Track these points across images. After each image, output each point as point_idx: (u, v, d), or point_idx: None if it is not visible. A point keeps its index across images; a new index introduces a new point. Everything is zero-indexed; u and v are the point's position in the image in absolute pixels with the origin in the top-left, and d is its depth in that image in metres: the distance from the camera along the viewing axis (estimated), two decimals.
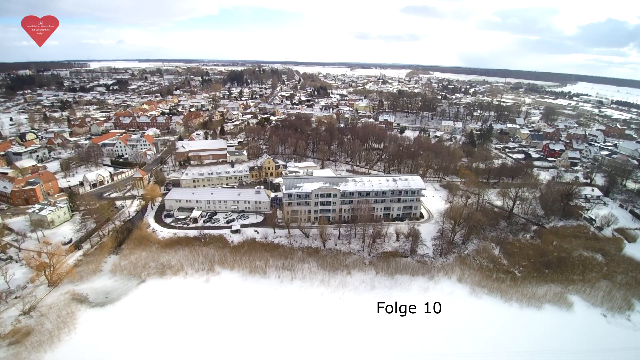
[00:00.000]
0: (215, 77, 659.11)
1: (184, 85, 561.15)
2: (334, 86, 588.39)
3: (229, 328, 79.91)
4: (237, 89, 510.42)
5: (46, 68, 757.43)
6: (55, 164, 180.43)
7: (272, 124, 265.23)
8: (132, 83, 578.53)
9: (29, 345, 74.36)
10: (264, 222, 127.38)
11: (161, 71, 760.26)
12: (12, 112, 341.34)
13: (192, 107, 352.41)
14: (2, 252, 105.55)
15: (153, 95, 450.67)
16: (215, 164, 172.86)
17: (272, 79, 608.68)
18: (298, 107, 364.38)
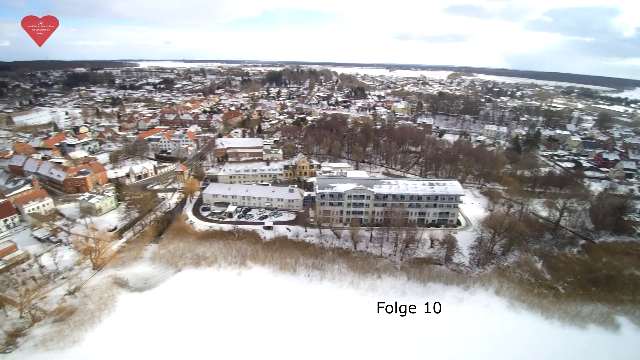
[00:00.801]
0: (254, 77, 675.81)
1: (225, 84, 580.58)
2: (372, 87, 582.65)
3: (256, 321, 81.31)
4: (275, 89, 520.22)
5: (100, 66, 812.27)
6: (105, 156, 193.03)
7: (307, 123, 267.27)
8: (177, 82, 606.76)
9: (72, 323, 79.85)
10: (296, 220, 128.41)
11: (204, 71, 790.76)
12: (67, 106, 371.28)
13: (232, 106, 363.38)
14: (53, 235, 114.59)
15: (196, 94, 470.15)
16: (251, 162, 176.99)
17: (310, 79, 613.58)
18: (334, 108, 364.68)
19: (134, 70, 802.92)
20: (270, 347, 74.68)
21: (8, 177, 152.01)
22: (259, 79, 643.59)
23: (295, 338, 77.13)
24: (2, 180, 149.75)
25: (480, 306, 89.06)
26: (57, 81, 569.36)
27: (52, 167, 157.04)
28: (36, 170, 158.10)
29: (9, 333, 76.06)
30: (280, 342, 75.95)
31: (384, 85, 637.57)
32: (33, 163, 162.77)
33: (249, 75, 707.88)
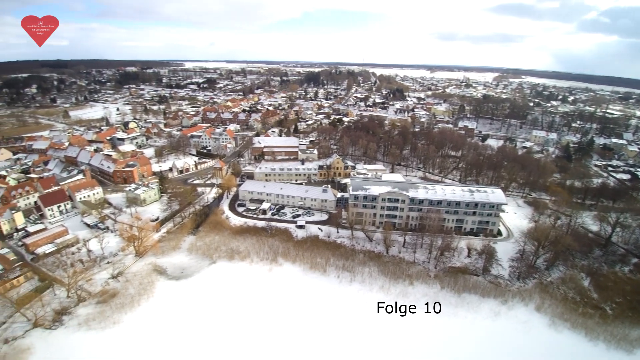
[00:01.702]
0: (293, 78, 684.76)
1: (264, 85, 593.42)
2: (411, 89, 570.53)
3: (284, 317, 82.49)
4: (312, 90, 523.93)
5: (149, 66, 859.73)
6: (151, 151, 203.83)
7: (344, 124, 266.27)
8: (219, 82, 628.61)
9: (113, 305, 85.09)
10: (328, 220, 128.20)
11: (245, 71, 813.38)
12: (118, 103, 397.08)
13: (270, 105, 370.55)
14: (101, 222, 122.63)
15: (237, 93, 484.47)
16: (286, 161, 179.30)
17: (348, 80, 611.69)
18: (372, 109, 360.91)
19: (180, 70, 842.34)
20: (280, 342, 75.67)
21: (63, 167, 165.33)
22: (297, 80, 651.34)
23: (301, 336, 77.69)
24: (58, 169, 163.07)
25: (518, 322, 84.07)
26: (109, 79, 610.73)
27: (103, 159, 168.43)
28: (88, 162, 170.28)
29: (56, 311, 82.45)
30: (287, 338, 76.85)
31: (424, 86, 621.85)
32: (86, 154, 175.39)
33: (288, 76, 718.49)
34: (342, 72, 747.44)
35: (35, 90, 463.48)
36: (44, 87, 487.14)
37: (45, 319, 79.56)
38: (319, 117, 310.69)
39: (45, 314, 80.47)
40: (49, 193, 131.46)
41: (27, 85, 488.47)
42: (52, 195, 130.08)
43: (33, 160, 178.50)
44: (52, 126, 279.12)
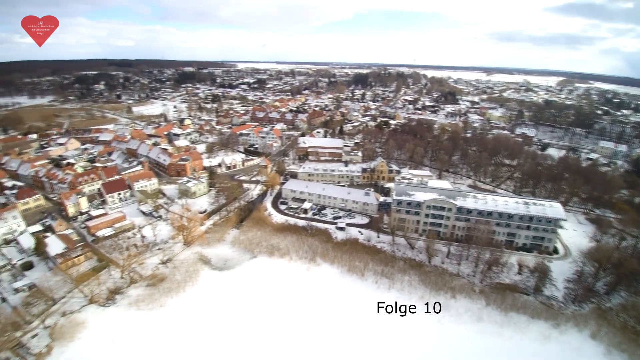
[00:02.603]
0: (341, 79, 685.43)
1: (312, 85, 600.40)
2: (465, 92, 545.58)
3: (317, 316, 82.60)
4: (360, 91, 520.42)
5: (204, 67, 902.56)
6: (202, 146, 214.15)
7: (390, 127, 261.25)
8: (269, 82, 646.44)
9: (161, 289, 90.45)
10: (369, 224, 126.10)
11: (294, 72, 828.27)
12: (176, 101, 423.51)
13: (317, 106, 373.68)
14: (155, 211, 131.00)
15: (285, 94, 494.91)
16: (330, 162, 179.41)
17: (397, 82, 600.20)
18: (420, 112, 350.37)
19: (232, 71, 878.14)
20: (310, 340, 75.50)
21: (124, 158, 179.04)
22: (345, 81, 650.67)
23: (332, 336, 77.15)
24: (120, 160, 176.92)
25: (569, 348, 76.70)
26: (169, 78, 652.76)
27: (160, 152, 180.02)
28: (147, 154, 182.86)
29: (110, 290, 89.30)
30: (317, 337, 76.54)
31: (479, 90, 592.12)
32: (145, 147, 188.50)
33: (336, 77, 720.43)
34: (391, 74, 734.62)
35: (103, 87, 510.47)
36: (110, 84, 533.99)
37: (100, 297, 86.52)
38: (365, 119, 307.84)
39: (100, 292, 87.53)
40: (111, 181, 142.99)
41: (96, 82, 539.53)
42: (113, 183, 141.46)
43: (98, 151, 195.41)
44: (116, 120, 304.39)
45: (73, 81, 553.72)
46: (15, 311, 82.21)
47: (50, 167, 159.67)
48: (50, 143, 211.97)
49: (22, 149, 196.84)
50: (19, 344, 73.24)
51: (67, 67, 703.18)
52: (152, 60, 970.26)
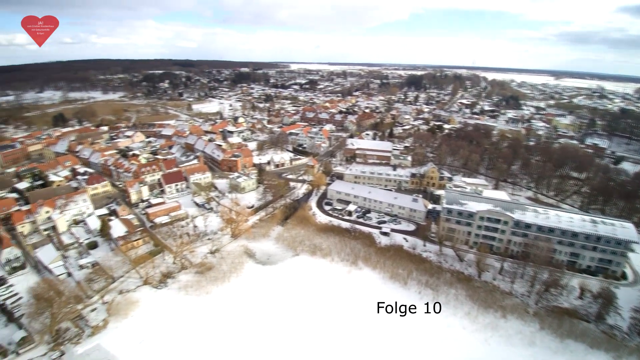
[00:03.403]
0: (393, 81, 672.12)
1: (363, 87, 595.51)
2: (529, 97, 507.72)
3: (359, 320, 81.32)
4: (413, 93, 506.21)
5: (259, 67, 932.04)
6: (253, 144, 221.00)
7: (444, 132, 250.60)
8: (320, 83, 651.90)
9: (208, 277, 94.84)
10: (416, 232, 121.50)
11: (345, 73, 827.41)
12: (231, 100, 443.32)
13: (367, 108, 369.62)
14: (207, 203, 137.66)
15: (335, 95, 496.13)
16: (377, 165, 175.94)
17: (454, 84, 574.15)
18: (478, 117, 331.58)
19: (285, 72, 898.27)
20: (345, 341, 73.01)
21: (183, 152, 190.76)
22: (398, 83, 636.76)
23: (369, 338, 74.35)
24: (179, 153, 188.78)
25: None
26: (226, 78, 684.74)
27: (215, 148, 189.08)
28: (203, 149, 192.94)
29: (163, 273, 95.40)
30: (354, 338, 74.01)
31: (545, 95, 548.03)
32: (201, 143, 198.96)
33: (388, 79, 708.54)
34: (447, 76, 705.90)
35: (167, 85, 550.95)
36: (174, 83, 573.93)
37: (153, 279, 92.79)
38: (417, 123, 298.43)
39: (154, 275, 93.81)
40: (170, 173, 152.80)
41: (162, 81, 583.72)
42: (172, 175, 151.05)
43: (160, 144, 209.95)
44: (177, 116, 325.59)
45: (141, 79, 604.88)
46: (79, 286, 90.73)
47: (117, 157, 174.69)
48: (119, 135, 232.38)
49: (94, 139, 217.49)
50: (79, 316, 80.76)
51: (136, 66, 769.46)
52: (211, 60, 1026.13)
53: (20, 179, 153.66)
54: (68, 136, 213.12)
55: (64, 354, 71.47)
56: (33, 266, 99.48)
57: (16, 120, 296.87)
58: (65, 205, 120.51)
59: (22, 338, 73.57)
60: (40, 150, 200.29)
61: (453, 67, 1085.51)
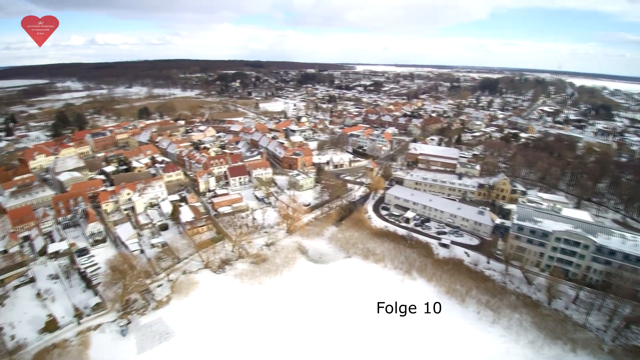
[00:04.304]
0: (465, 84, 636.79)
1: (431, 90, 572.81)
2: (623, 107, 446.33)
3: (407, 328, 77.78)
4: (486, 98, 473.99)
5: (325, 69, 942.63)
6: (314, 144, 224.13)
7: (520, 141, 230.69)
8: (385, 85, 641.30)
9: (262, 269, 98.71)
10: (479, 247, 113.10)
11: (413, 75, 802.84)
12: (296, 100, 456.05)
13: (434, 112, 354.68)
14: (267, 198, 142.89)
15: (400, 97, 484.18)
16: (441, 172, 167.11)
17: (534, 90, 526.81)
18: (561, 127, 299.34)
19: (350, 73, 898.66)
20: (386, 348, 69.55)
21: (248, 148, 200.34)
22: (470, 86, 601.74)
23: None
24: (244, 149, 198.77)
25: None
26: (292, 79, 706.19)
27: (277, 145, 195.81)
28: (266, 146, 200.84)
29: (222, 260, 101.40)
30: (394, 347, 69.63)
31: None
32: (265, 140, 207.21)
33: (459, 82, 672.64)
34: (527, 80, 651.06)
35: (238, 85, 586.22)
36: (244, 82, 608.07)
37: (213, 264, 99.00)
38: (489, 130, 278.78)
39: (214, 260, 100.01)
40: (235, 166, 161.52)
41: (233, 80, 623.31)
42: (237, 168, 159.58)
43: (228, 139, 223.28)
44: (245, 114, 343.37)
45: (215, 78, 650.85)
46: (149, 262, 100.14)
47: (191, 149, 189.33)
48: (193, 129, 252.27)
49: (172, 132, 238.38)
50: (147, 290, 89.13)
51: (212, 66, 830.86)
52: (280, 61, 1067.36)
53: (108, 163, 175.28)
54: (150, 128, 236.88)
55: (130, 323, 79.30)
56: (112, 241, 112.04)
57: (107, 111, 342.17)
58: (144, 189, 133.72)
59: (96, 304, 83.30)
60: (126, 139, 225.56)
61: (534, 71, 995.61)
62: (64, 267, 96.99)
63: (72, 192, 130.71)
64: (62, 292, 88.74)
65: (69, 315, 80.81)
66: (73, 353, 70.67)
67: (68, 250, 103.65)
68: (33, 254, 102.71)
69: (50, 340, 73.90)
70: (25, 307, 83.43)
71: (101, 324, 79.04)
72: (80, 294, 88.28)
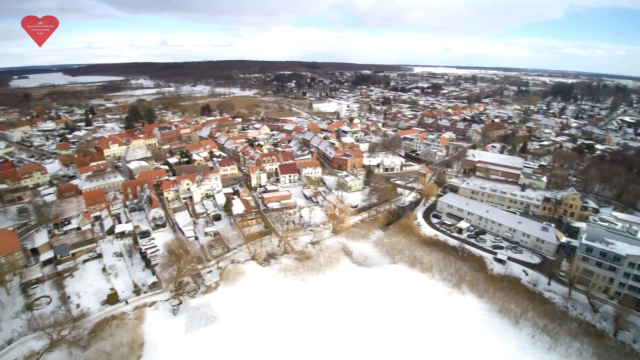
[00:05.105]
0: (534, 89, 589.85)
1: (495, 94, 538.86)
2: None
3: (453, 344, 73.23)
4: (558, 105, 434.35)
5: (381, 70, 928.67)
6: (365, 145, 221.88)
7: (595, 153, 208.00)
8: (444, 88, 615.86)
9: (305, 265, 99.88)
10: (540, 266, 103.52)
11: (475, 78, 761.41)
12: (349, 101, 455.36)
13: (497, 117, 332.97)
14: (314, 197, 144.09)
15: (460, 101, 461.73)
16: (502, 182, 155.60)
17: (614, 97, 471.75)
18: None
19: (408, 75, 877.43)
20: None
21: (299, 146, 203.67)
22: (540, 91, 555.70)
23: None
24: (295, 147, 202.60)
25: None
26: (347, 80, 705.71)
27: (328, 145, 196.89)
28: (317, 146, 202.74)
29: (268, 253, 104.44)
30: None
31: None
32: (317, 140, 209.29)
33: (528, 86, 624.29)
34: (607, 86, 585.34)
35: (293, 85, 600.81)
36: (299, 83, 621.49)
37: (259, 256, 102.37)
38: (559, 139, 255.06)
39: (261, 253, 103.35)
40: (286, 164, 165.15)
41: (289, 80, 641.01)
42: (287, 166, 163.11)
43: (281, 138, 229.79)
44: (299, 114, 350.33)
45: (272, 79, 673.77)
46: (202, 249, 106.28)
47: (246, 145, 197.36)
48: (249, 126, 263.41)
49: (229, 128, 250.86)
50: (198, 275, 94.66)
51: (270, 67, 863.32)
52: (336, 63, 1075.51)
53: (172, 154, 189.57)
54: (210, 124, 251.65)
55: (181, 303, 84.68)
56: (171, 226, 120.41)
57: (174, 108, 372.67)
58: (201, 181, 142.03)
59: (153, 283, 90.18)
60: (189, 134, 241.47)
61: (615, 77, 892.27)
62: (127, 246, 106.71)
63: (139, 179, 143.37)
64: (124, 269, 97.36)
65: (128, 291, 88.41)
66: (129, 326, 76.98)
67: (132, 232, 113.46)
68: (102, 232, 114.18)
69: (110, 312, 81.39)
70: (91, 280, 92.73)
71: (155, 301, 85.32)
72: (139, 272, 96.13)
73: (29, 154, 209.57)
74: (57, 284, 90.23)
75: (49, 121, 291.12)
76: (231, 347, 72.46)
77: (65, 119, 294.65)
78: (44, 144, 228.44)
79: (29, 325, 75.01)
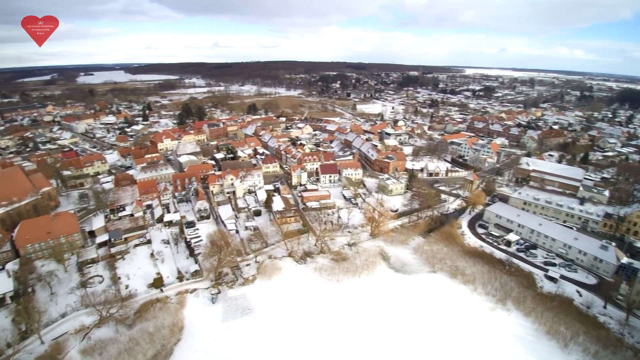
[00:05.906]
0: (599, 94, 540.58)
1: (554, 98, 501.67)
2: None
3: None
4: (626, 112, 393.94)
5: (429, 71, 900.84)
6: (409, 149, 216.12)
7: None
8: (498, 91, 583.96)
9: (341, 267, 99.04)
10: (595, 287, 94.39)
11: (533, 81, 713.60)
12: (395, 102, 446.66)
13: (556, 124, 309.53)
14: (354, 198, 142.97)
15: (516, 105, 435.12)
16: (558, 194, 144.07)
17: None
18: None
19: (458, 76, 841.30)
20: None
21: (341, 147, 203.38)
22: (606, 97, 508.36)
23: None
24: (337, 148, 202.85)
25: None
26: (393, 81, 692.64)
27: (370, 147, 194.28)
28: (359, 147, 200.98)
29: (304, 251, 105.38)
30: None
31: None
32: (359, 141, 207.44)
33: (592, 91, 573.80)
34: None
35: (338, 86, 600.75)
36: (344, 84, 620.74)
37: (296, 254, 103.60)
38: (625, 150, 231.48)
39: (298, 251, 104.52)
40: (327, 164, 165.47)
41: (334, 81, 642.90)
42: (328, 166, 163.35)
43: (323, 138, 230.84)
44: (342, 115, 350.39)
45: (317, 79, 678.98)
46: (242, 243, 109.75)
47: (288, 144, 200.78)
48: (292, 126, 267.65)
49: (273, 127, 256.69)
50: (237, 267, 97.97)
51: (315, 68, 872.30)
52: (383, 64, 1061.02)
53: (218, 150, 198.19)
54: (255, 122, 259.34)
55: (220, 293, 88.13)
56: (214, 218, 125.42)
57: (222, 106, 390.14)
58: (245, 177, 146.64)
59: (195, 271, 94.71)
60: (235, 131, 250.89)
61: None
62: (174, 235, 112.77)
63: (188, 172, 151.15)
64: (170, 256, 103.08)
65: (172, 277, 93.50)
66: (171, 309, 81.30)
67: (179, 221, 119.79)
68: (152, 220, 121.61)
69: (155, 295, 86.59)
70: (140, 264, 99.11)
71: (196, 289, 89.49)
72: (183, 260, 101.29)
73: (91, 145, 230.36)
74: (110, 265, 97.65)
75: (110, 115, 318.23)
76: (264, 340, 73.90)
77: (124, 114, 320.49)
78: (105, 136, 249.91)
79: (81, 301, 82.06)
